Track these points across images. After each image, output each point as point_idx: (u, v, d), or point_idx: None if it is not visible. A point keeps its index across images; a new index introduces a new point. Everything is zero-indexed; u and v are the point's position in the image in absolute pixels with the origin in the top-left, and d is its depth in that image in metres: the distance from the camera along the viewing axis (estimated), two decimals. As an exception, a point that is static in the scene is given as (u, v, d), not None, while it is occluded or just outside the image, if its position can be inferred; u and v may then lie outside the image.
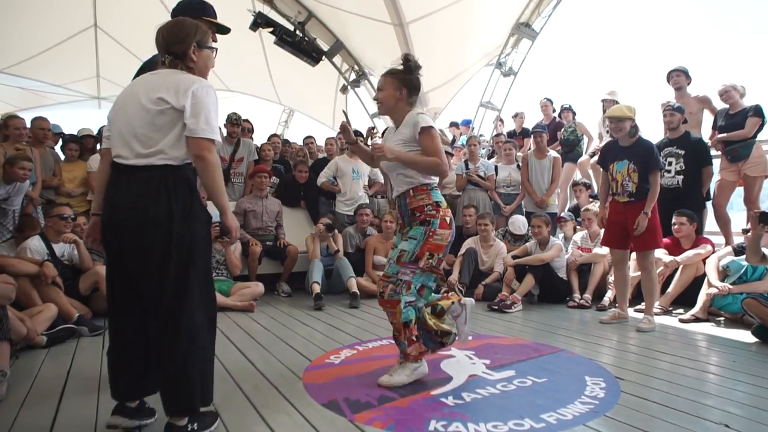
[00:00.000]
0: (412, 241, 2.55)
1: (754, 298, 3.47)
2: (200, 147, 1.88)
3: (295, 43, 9.07)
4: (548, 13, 9.09)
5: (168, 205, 1.85)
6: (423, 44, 9.23)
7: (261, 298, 4.97)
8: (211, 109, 1.92)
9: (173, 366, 1.88)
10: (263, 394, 2.46)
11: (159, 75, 1.99)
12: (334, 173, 6.08)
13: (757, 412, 2.20)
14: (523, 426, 2.06)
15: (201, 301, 1.94)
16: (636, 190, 3.84)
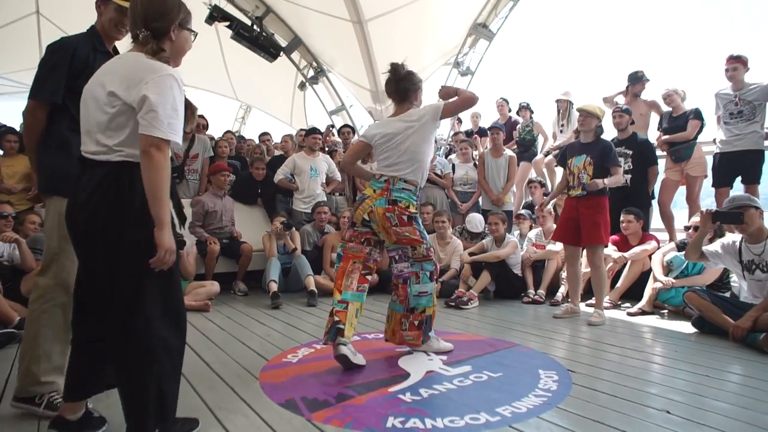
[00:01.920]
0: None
1: (694, 292, 3.65)
2: (147, 143, 1.66)
3: (253, 38, 8.90)
4: (505, 14, 9.26)
5: (120, 202, 1.70)
6: (381, 42, 9.25)
7: (217, 297, 4.87)
8: (167, 102, 1.69)
9: (124, 379, 1.74)
10: (218, 395, 2.41)
11: (117, 61, 1.81)
12: (291, 170, 6.02)
13: (696, 398, 2.32)
14: (479, 420, 2.09)
15: (160, 310, 1.74)
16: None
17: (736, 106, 4.77)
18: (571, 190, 4.12)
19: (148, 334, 1.71)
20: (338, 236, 5.54)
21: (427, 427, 2.04)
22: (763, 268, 3.38)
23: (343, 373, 2.72)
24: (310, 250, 5.56)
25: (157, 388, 1.73)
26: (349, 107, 11.25)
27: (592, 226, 3.94)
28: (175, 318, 1.80)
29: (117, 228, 1.70)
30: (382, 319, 4.12)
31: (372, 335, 3.57)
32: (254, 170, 6.17)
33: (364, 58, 9.63)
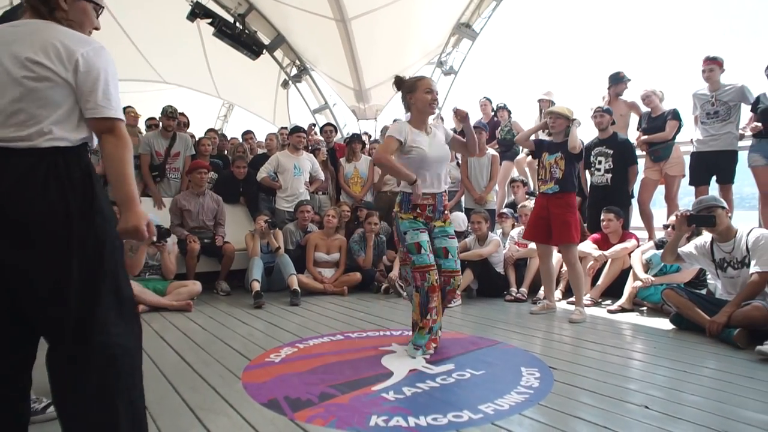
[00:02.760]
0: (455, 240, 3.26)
1: (672, 289, 3.71)
2: (102, 128, 1.51)
3: (235, 36, 8.85)
4: (488, 14, 9.34)
5: (61, 197, 1.42)
6: (365, 41, 9.25)
7: (199, 297, 4.82)
8: (110, 79, 1.51)
9: (87, 402, 1.44)
10: (201, 395, 2.39)
11: (23, 27, 1.51)
12: (275, 169, 5.99)
13: (674, 393, 2.37)
14: (461, 417, 2.10)
15: (118, 315, 1.51)
16: (562, 177, 4.07)
17: (713, 107, 4.87)
18: (542, 184, 4.22)
19: (107, 344, 1.47)
20: (321, 235, 5.52)
21: (410, 425, 2.04)
22: (734, 265, 3.45)
23: (326, 372, 2.71)
24: (293, 249, 5.54)
25: (130, 403, 1.51)
26: (332, 106, 11.23)
27: (563, 225, 4.05)
28: (127, 311, 1.57)
29: (62, 229, 1.43)
30: (366, 318, 4.14)
31: (355, 334, 3.57)
32: (235, 169, 6.12)
33: (348, 57, 9.62)
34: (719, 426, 1.99)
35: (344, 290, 5.28)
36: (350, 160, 6.63)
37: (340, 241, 5.57)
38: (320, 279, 5.35)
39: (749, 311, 3.18)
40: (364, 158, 6.68)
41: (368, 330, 3.70)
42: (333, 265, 5.52)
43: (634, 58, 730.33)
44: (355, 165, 6.59)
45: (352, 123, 11.06)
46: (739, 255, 3.43)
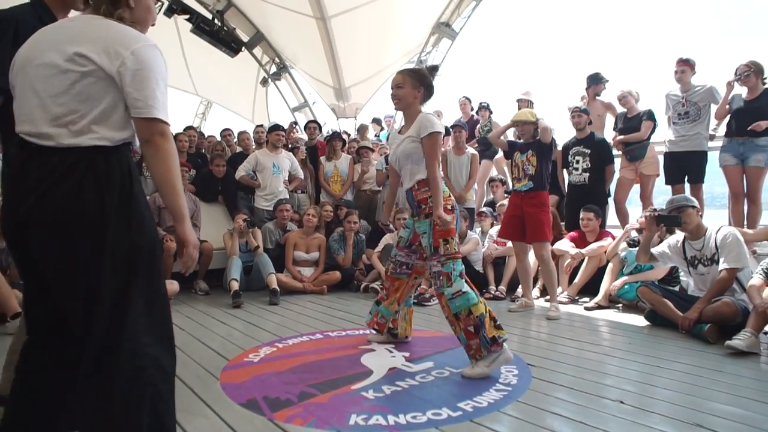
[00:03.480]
0: (425, 236, 2.86)
1: (647, 286, 3.79)
2: (150, 130, 1.43)
3: (213, 32, 8.75)
4: (468, 14, 9.39)
5: (98, 198, 1.38)
6: (345, 39, 9.23)
7: (176, 296, 4.76)
8: (160, 79, 1.45)
9: (111, 412, 1.39)
10: (178, 397, 2.31)
11: (77, 21, 1.47)
12: (253, 167, 5.94)
13: (647, 387, 2.42)
14: (441, 415, 2.12)
15: (150, 324, 1.45)
16: (535, 174, 4.15)
17: (683, 107, 4.99)
18: (516, 182, 4.30)
19: (136, 352, 1.42)
20: (301, 234, 5.50)
21: (389, 423, 2.05)
22: (705, 263, 3.54)
23: (305, 371, 2.71)
24: (273, 248, 5.50)
25: (153, 415, 1.43)
26: (312, 104, 11.18)
27: (536, 223, 4.13)
28: (163, 332, 1.51)
29: (97, 229, 1.38)
30: (345, 317, 4.14)
31: (335, 333, 3.57)
32: (214, 167, 6.05)
33: (328, 55, 9.59)
34: (690, 418, 2.04)
35: (324, 289, 5.26)
36: (330, 159, 6.61)
37: (320, 240, 5.55)
38: (299, 278, 5.32)
39: (719, 307, 3.27)
40: (344, 157, 6.67)
41: (348, 329, 3.70)
42: (312, 264, 5.50)
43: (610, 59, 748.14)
44: (335, 163, 6.57)
45: (332, 121, 11.04)
46: (708, 252, 3.51)
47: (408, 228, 3.14)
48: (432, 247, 2.80)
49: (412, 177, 2.93)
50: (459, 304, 2.68)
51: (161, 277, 1.54)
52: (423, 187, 2.90)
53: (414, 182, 2.92)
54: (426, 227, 2.85)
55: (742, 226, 4.63)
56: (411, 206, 3.03)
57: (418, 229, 2.95)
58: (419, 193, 2.91)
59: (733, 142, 4.76)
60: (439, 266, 2.76)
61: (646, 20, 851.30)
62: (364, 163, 6.51)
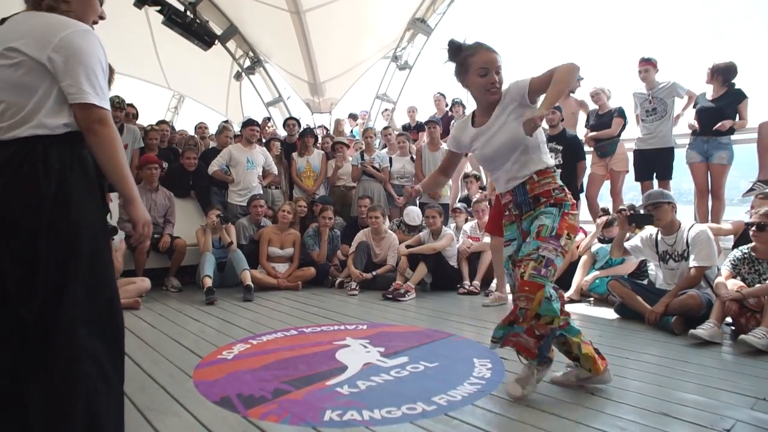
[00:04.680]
0: (549, 216, 2.20)
1: (617, 280, 3.88)
2: (89, 118, 1.42)
3: (186, 25, 8.56)
4: (443, 10, 9.43)
5: (35, 187, 1.37)
6: (320, 34, 9.17)
7: (148, 294, 4.68)
8: (95, 64, 1.42)
9: (43, 405, 1.35)
10: (149, 395, 2.32)
11: (12, 22, 1.47)
12: (227, 162, 5.86)
13: (617, 378, 2.46)
14: (415, 410, 2.13)
15: (91, 317, 1.42)
16: None
17: (650, 104, 5.14)
18: None
19: (69, 344, 1.38)
20: (275, 230, 5.45)
21: (364, 418, 2.05)
22: (676, 258, 3.63)
23: (279, 368, 2.69)
24: (246, 244, 5.45)
25: (87, 409, 1.37)
26: (286, 99, 11.08)
27: None
28: (107, 326, 1.47)
29: (32, 215, 1.37)
30: (320, 312, 4.13)
31: (309, 329, 3.55)
32: (185, 160, 5.94)
33: (302, 50, 9.51)
34: (657, 408, 2.10)
35: (298, 285, 5.24)
36: (302, 155, 6.58)
37: (294, 236, 5.51)
38: (274, 274, 5.28)
39: (685, 300, 3.37)
40: (316, 152, 6.65)
41: (322, 324, 3.69)
42: (287, 260, 5.46)
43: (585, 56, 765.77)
44: (307, 159, 6.54)
45: (307, 116, 10.96)
46: (680, 248, 3.61)
47: (513, 239, 2.41)
48: (554, 230, 2.17)
49: (524, 167, 2.27)
50: (550, 308, 2.11)
51: (107, 269, 1.53)
52: (545, 178, 2.26)
53: (528, 174, 2.26)
54: (553, 210, 2.21)
55: (707, 220, 4.77)
56: (520, 205, 2.32)
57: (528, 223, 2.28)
58: (537, 186, 2.26)
59: (698, 140, 4.90)
60: (553, 254, 2.13)
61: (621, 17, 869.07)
62: (338, 158, 6.49)
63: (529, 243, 2.20)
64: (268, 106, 11.12)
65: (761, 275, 3.27)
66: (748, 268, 3.35)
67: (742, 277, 3.35)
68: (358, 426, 2.00)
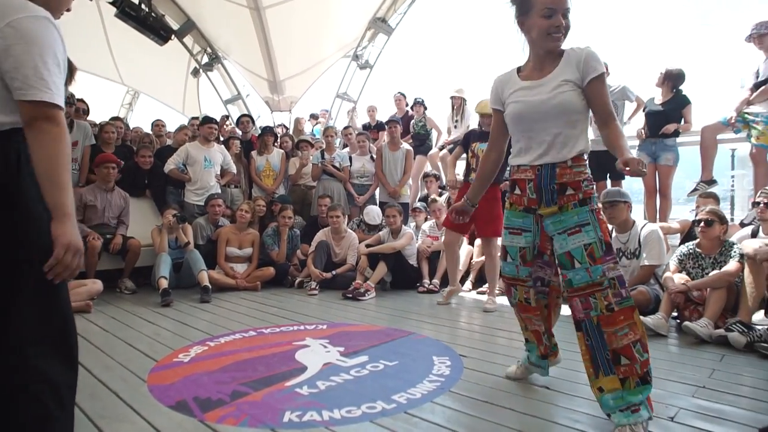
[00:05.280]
0: (587, 230, 1.93)
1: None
2: (33, 113, 1.24)
3: (140, 18, 8.27)
4: (404, 10, 9.48)
5: None
6: (280, 31, 9.07)
7: (100, 296, 4.51)
8: (47, 56, 1.24)
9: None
10: (101, 402, 2.25)
11: None
12: (183, 160, 5.72)
13: (571, 373, 2.54)
14: (375, 408, 2.14)
15: (41, 334, 1.29)
16: None
17: None
18: (472, 173, 4.25)
19: (18, 367, 1.26)
20: (233, 229, 5.36)
21: (324, 419, 2.04)
22: (628, 256, 3.78)
23: (238, 370, 2.65)
24: (204, 245, 5.33)
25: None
26: (245, 97, 10.90)
27: (490, 218, 4.14)
28: (60, 343, 1.34)
29: None
30: (280, 313, 4.09)
31: (268, 330, 3.51)
32: (140, 159, 5.77)
33: (262, 47, 9.38)
34: (609, 402, 2.17)
35: (257, 285, 5.17)
36: (262, 153, 6.50)
37: (253, 236, 5.43)
38: (232, 274, 5.19)
39: (634, 296, 3.44)
40: (276, 151, 6.58)
41: (282, 325, 3.65)
42: (245, 260, 5.38)
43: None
44: (267, 158, 6.47)
45: (266, 115, 10.81)
46: (632, 246, 3.75)
47: (527, 231, 2.15)
48: (603, 244, 1.92)
49: (564, 146, 1.99)
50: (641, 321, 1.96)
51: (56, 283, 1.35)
52: (579, 165, 2.00)
53: (568, 155, 1.99)
54: (587, 216, 1.95)
55: (656, 219, 4.97)
56: (542, 192, 2.02)
57: (555, 226, 2.00)
58: (569, 174, 1.99)
59: (647, 142, 5.10)
60: (615, 270, 1.91)
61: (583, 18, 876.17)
62: (303, 156, 6.43)
63: (587, 269, 1.91)
64: (226, 104, 10.91)
65: (704, 269, 3.44)
66: (692, 263, 3.51)
67: (687, 271, 3.51)
68: (318, 426, 1.99)
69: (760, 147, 4.51)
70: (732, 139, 5.13)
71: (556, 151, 2.00)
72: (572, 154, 1.98)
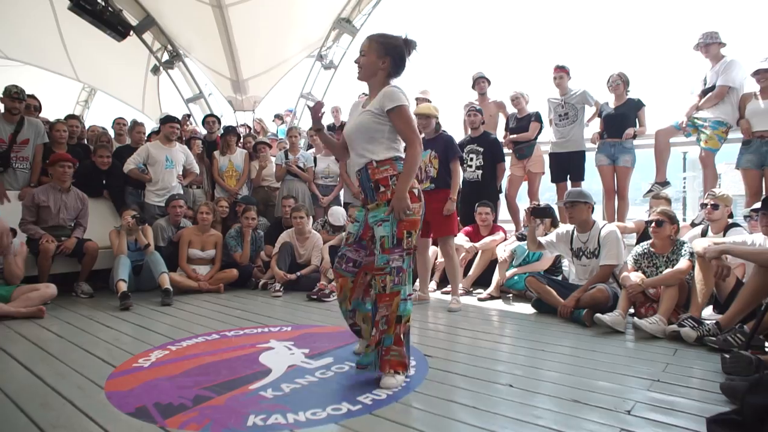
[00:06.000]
0: (386, 225, 2.41)
1: (534, 276, 4.08)
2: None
3: (96, 13, 7.98)
4: (368, 11, 9.50)
5: None
6: (243, 30, 8.94)
7: (54, 301, 4.33)
8: None
9: None
10: (54, 411, 2.16)
11: None
12: (144, 160, 5.57)
13: (534, 370, 2.60)
14: (340, 410, 2.13)
15: None
16: (437, 176, 4.27)
17: (563, 109, 5.46)
18: (420, 183, 4.33)
19: None
20: (196, 231, 5.26)
21: (289, 421, 2.03)
22: (588, 255, 3.88)
23: (200, 374, 2.60)
24: (165, 246, 5.21)
25: None
26: (207, 95, 10.68)
27: (441, 219, 4.24)
28: None
29: None
30: (243, 315, 4.03)
31: (232, 332, 3.46)
32: (97, 158, 5.57)
33: (225, 45, 9.23)
34: (569, 395, 2.23)
35: (220, 287, 5.08)
36: (225, 153, 6.40)
37: (216, 237, 5.34)
38: (194, 276, 5.09)
39: (594, 294, 3.61)
40: (239, 151, 6.49)
41: (246, 327, 3.60)
42: (208, 262, 5.28)
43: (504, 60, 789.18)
44: (229, 158, 6.37)
45: (229, 114, 10.63)
46: (592, 246, 3.86)
47: (358, 221, 2.66)
48: (395, 239, 2.41)
49: (363, 156, 2.52)
50: (408, 307, 2.46)
51: None
52: (384, 166, 2.48)
53: (365, 162, 2.51)
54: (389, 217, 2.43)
55: (614, 219, 5.13)
56: (365, 190, 2.57)
57: (371, 219, 2.49)
58: (377, 172, 2.48)
59: (605, 145, 5.26)
60: (399, 261, 2.41)
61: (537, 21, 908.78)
62: (261, 158, 6.36)
63: (377, 256, 2.45)
64: (188, 103, 10.66)
65: (658, 268, 3.57)
66: (647, 262, 3.64)
67: (643, 270, 3.64)
68: (283, 429, 1.97)
69: (708, 150, 4.72)
70: (684, 143, 5.36)
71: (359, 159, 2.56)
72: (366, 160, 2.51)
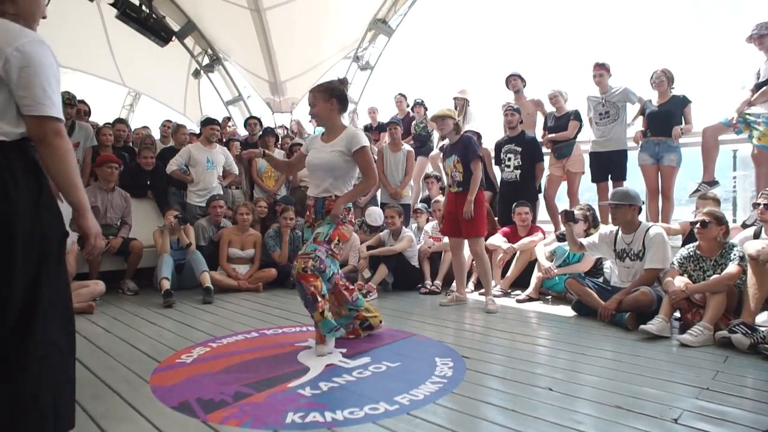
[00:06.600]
0: (326, 226, 2.97)
1: (574, 278, 3.99)
2: (42, 129, 1.46)
3: (141, 20, 8.26)
4: (404, 11, 9.50)
5: (4, 191, 1.41)
6: (280, 32, 9.08)
7: (102, 297, 4.52)
8: (50, 75, 1.46)
9: (18, 395, 1.43)
10: (104, 403, 2.25)
11: None
12: (186, 161, 5.72)
13: (574, 374, 2.55)
14: (378, 410, 2.13)
15: (56, 314, 1.52)
16: (463, 179, 4.26)
17: (604, 107, 5.31)
18: (450, 187, 4.42)
19: (45, 340, 1.47)
20: (235, 230, 5.37)
21: (326, 420, 2.04)
22: (632, 257, 3.77)
23: (240, 371, 2.65)
24: (206, 246, 5.34)
25: (54, 399, 1.50)
26: (246, 98, 10.90)
27: (470, 219, 4.21)
28: (66, 320, 1.58)
29: (5, 222, 1.42)
30: (282, 314, 4.09)
31: (270, 331, 3.51)
32: (142, 159, 5.77)
33: (263, 48, 9.39)
34: (612, 401, 2.17)
35: (259, 286, 5.17)
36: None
37: (255, 237, 5.44)
38: (234, 275, 5.19)
39: (637, 296, 3.49)
40: (277, 152, 6.57)
41: (284, 326, 3.65)
42: (248, 261, 5.38)
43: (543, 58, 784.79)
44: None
45: (267, 116, 10.82)
46: (636, 248, 3.74)
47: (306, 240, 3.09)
48: (327, 237, 2.94)
49: (330, 190, 3.02)
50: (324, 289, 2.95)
51: (65, 267, 1.61)
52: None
53: (326, 195, 3.03)
54: (331, 221, 2.99)
55: (658, 220, 4.96)
56: (317, 212, 3.08)
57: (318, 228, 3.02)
58: (333, 204, 3.01)
59: (649, 143, 5.09)
60: (323, 254, 2.92)
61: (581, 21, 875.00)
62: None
63: (308, 244, 2.96)
64: (227, 105, 10.92)
65: (705, 272, 3.43)
66: (693, 266, 3.50)
67: (689, 274, 3.50)
68: (321, 428, 1.99)
69: (762, 148, 4.50)
70: (734, 140, 5.13)
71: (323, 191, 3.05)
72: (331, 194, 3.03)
